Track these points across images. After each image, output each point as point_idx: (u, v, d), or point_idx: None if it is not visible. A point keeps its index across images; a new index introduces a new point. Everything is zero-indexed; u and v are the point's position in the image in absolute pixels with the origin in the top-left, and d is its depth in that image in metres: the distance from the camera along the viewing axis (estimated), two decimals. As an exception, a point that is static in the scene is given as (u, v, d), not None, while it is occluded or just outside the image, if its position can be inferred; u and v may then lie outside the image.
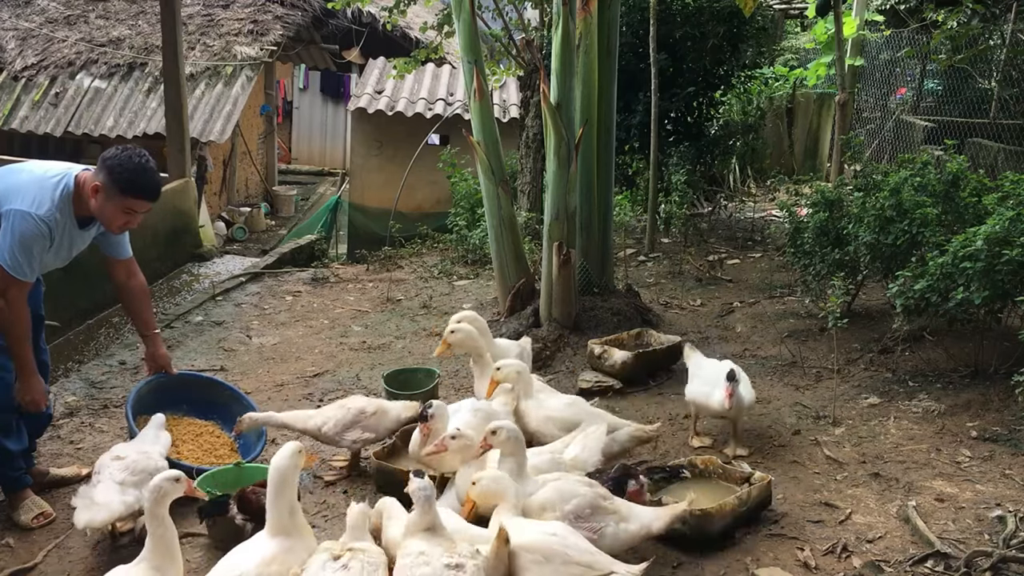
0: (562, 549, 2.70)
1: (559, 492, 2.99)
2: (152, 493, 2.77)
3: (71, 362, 5.93)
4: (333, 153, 18.53)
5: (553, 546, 2.70)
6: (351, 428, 3.94)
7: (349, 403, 4.02)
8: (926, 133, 9.99)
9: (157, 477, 2.85)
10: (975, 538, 3.29)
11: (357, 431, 3.95)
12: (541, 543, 2.71)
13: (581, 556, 2.70)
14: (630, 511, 3.02)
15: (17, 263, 3.37)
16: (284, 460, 2.83)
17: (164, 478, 2.83)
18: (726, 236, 8.90)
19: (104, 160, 3.44)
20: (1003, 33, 9.55)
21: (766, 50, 11.34)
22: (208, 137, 11.72)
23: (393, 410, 4.04)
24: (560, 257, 5.54)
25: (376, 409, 3.99)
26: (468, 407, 3.76)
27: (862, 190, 5.71)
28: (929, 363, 4.97)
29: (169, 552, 2.73)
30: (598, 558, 2.73)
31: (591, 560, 2.71)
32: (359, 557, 2.63)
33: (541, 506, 2.97)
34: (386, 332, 6.52)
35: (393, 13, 9.46)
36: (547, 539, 2.73)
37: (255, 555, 2.73)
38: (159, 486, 2.79)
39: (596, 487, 3.05)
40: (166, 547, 2.73)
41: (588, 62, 5.72)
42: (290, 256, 9.34)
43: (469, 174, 9.36)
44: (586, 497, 2.95)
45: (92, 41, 12.86)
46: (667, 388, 5.08)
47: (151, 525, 2.74)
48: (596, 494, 2.99)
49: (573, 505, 2.93)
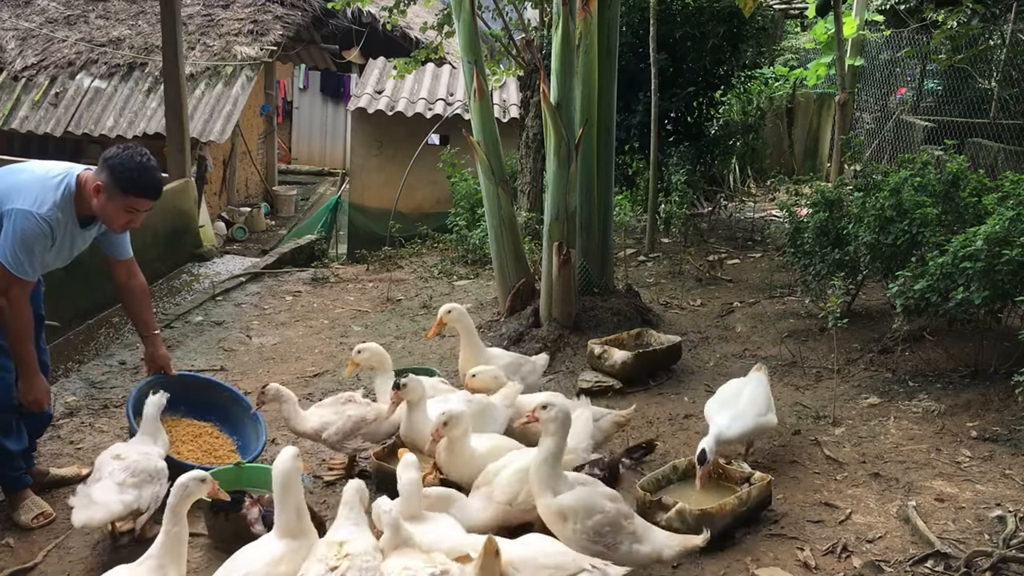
0: (531, 555, 2.72)
1: (584, 505, 2.91)
2: (178, 491, 2.79)
3: (71, 362, 5.93)
4: (333, 153, 18.53)
5: (523, 554, 2.72)
6: (352, 437, 3.95)
7: (350, 410, 4.00)
8: (926, 133, 9.99)
9: (184, 476, 2.85)
10: (975, 538, 3.29)
11: (358, 440, 3.98)
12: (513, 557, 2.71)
13: (550, 559, 2.72)
14: (646, 532, 2.98)
15: (19, 262, 3.36)
16: (285, 464, 2.83)
17: (191, 477, 2.84)
18: (726, 236, 8.90)
19: (106, 159, 3.44)
20: (1003, 33, 9.54)
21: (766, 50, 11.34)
22: (208, 137, 11.72)
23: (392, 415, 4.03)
24: (560, 257, 5.54)
25: (375, 417, 3.99)
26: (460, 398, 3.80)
27: (862, 190, 5.71)
28: (929, 363, 4.97)
29: (177, 552, 2.74)
30: (565, 558, 2.75)
31: (559, 561, 2.72)
32: (356, 565, 2.62)
33: (562, 513, 2.91)
34: (386, 332, 6.52)
35: (393, 13, 9.46)
36: (518, 551, 2.74)
37: (264, 555, 2.74)
38: (185, 484, 2.81)
39: (620, 503, 3.00)
40: (177, 546, 2.73)
41: (588, 62, 5.72)
42: (290, 256, 9.34)
43: (469, 174, 9.36)
44: (609, 515, 2.90)
45: (92, 41, 12.86)
46: (667, 388, 5.08)
47: (168, 522, 2.75)
48: (619, 512, 2.94)
49: (595, 521, 2.88)
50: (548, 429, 3.02)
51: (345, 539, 2.73)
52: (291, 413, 3.96)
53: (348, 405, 4.06)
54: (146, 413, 3.62)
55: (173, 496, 2.79)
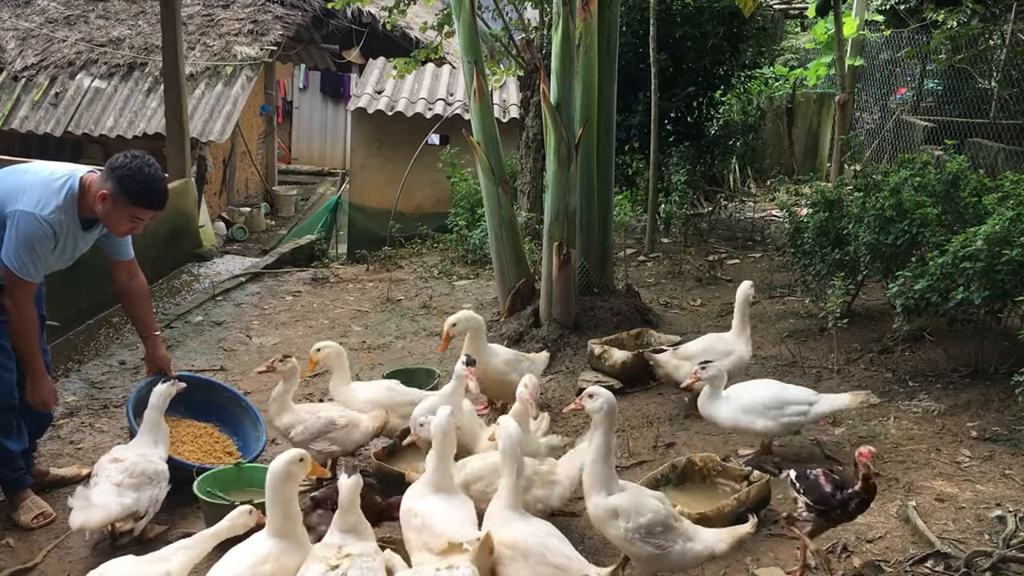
0: (540, 549, 2.69)
1: (635, 503, 2.89)
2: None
3: (71, 362, 5.93)
4: (333, 153, 18.54)
5: (531, 545, 2.70)
6: (318, 438, 3.86)
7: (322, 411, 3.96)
8: (926, 133, 9.99)
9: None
10: (975, 538, 3.29)
11: (324, 442, 3.87)
12: (521, 541, 2.71)
13: (556, 558, 2.69)
14: (696, 532, 2.95)
15: (23, 264, 3.37)
16: (278, 466, 2.81)
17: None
18: (726, 236, 8.90)
19: (113, 169, 3.42)
20: (1003, 33, 9.54)
21: (766, 50, 11.33)
22: (208, 137, 11.72)
23: (364, 423, 3.95)
24: (560, 257, 5.54)
25: (348, 423, 3.91)
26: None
27: (862, 190, 5.71)
28: (929, 363, 4.97)
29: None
30: (573, 562, 2.71)
31: (566, 563, 2.69)
32: (357, 564, 2.62)
33: (615, 511, 2.88)
34: (386, 332, 6.52)
35: (393, 13, 9.45)
36: (527, 537, 2.73)
37: (249, 555, 2.74)
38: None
39: (666, 503, 2.98)
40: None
41: (588, 62, 5.72)
42: (290, 256, 9.35)
43: (469, 174, 9.36)
44: (659, 514, 2.88)
45: (92, 41, 12.86)
46: (667, 388, 5.07)
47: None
48: (668, 512, 2.92)
49: (647, 520, 2.85)
50: (595, 421, 2.97)
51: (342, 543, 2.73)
52: (280, 401, 3.91)
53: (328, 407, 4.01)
54: (152, 403, 3.61)
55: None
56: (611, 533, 2.91)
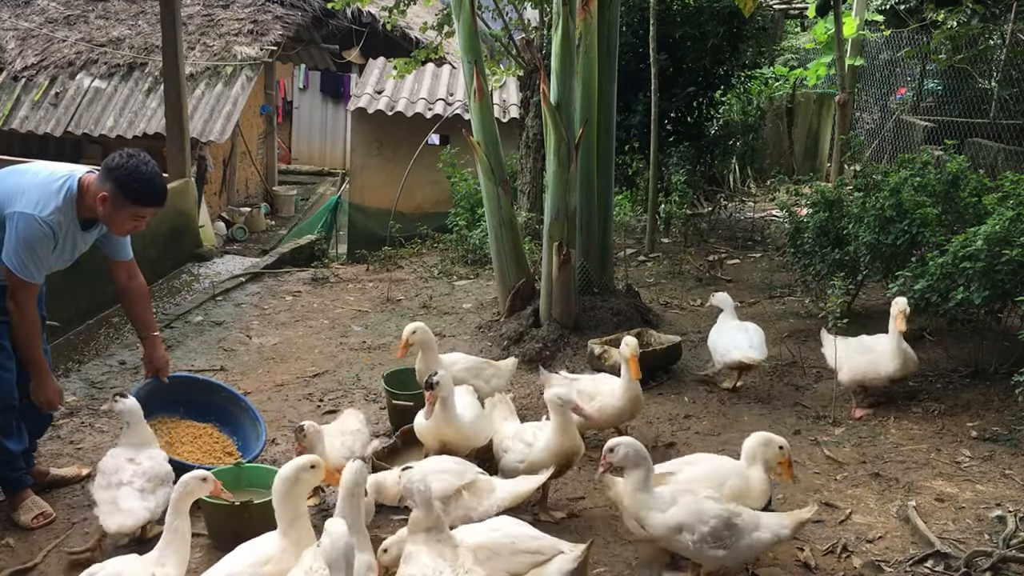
0: (508, 541, 2.77)
1: (696, 513, 2.87)
2: (180, 489, 2.84)
3: (71, 362, 5.92)
4: (333, 153, 18.53)
5: (498, 540, 2.77)
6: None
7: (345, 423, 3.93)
8: (926, 133, 9.99)
9: (187, 475, 2.91)
10: (975, 538, 3.29)
11: None
12: (486, 540, 2.76)
13: (527, 544, 2.78)
14: (759, 521, 2.95)
15: (24, 265, 3.38)
16: (286, 472, 2.83)
17: (193, 476, 2.90)
18: (726, 236, 8.89)
19: (110, 170, 3.41)
20: (1003, 33, 9.54)
21: (766, 50, 11.33)
22: (208, 137, 11.72)
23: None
24: (560, 257, 5.54)
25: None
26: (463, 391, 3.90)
27: (862, 190, 5.71)
28: (929, 363, 4.97)
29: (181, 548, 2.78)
30: (543, 542, 2.80)
31: (538, 545, 2.78)
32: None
33: (679, 527, 2.86)
34: (386, 332, 6.52)
35: (393, 13, 9.45)
36: (491, 535, 2.80)
37: (251, 556, 2.76)
38: (187, 483, 2.86)
39: (721, 501, 2.97)
40: (180, 543, 2.78)
41: (588, 62, 5.72)
42: (290, 256, 9.34)
43: (469, 174, 9.35)
44: (722, 517, 2.86)
45: (92, 41, 12.86)
46: (667, 388, 5.08)
47: (170, 517, 2.81)
48: (729, 511, 2.91)
49: (711, 527, 2.84)
50: (626, 465, 2.96)
51: None
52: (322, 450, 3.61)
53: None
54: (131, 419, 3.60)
55: (175, 493, 2.84)
56: (679, 547, 2.90)
